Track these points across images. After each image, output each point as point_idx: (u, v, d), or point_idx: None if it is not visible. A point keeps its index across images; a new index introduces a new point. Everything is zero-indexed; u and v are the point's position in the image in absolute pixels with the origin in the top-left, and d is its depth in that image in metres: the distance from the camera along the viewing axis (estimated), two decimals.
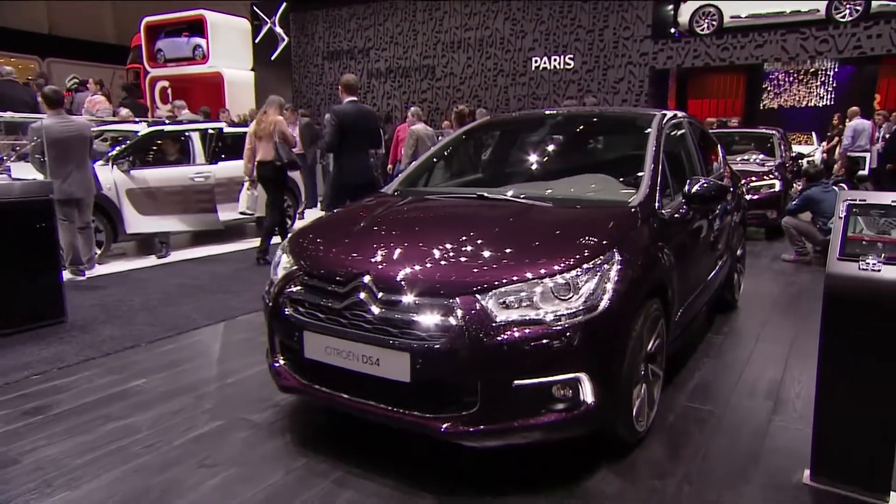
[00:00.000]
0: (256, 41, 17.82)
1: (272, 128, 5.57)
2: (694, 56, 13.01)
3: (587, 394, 2.17)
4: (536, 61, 14.52)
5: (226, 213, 6.58)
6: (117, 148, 6.04)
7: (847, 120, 10.82)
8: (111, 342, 3.75)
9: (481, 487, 2.24)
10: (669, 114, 3.52)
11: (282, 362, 2.56)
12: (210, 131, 6.72)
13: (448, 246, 2.43)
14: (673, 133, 3.44)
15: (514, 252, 2.34)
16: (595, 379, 2.17)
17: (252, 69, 17.52)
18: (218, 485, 2.28)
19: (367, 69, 16.66)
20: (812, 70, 16.96)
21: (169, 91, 17.36)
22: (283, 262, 2.67)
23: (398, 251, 2.41)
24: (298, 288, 2.48)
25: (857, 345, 2.07)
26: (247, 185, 5.79)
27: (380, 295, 2.24)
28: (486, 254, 2.34)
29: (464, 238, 2.49)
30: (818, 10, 11.96)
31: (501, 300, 2.14)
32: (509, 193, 2.99)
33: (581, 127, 3.83)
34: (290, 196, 7.56)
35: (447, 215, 2.86)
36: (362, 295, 2.27)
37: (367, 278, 2.29)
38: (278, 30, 17.70)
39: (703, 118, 13.04)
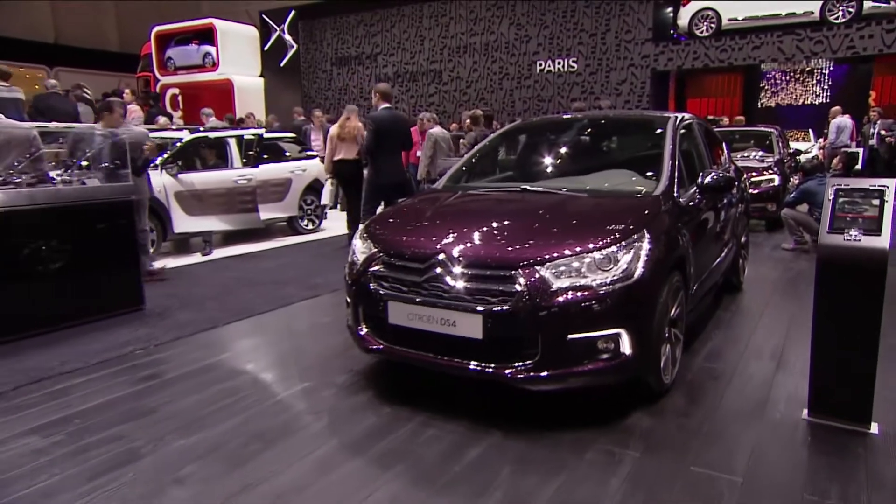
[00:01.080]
0: (266, 48, 18.36)
1: (356, 132, 6.22)
2: (694, 58, 13.57)
3: (625, 346, 2.69)
4: (541, 65, 15.08)
5: (265, 213, 7.11)
6: (165, 154, 6.56)
7: (830, 118, 11.65)
8: (191, 325, 4.27)
9: (539, 425, 2.75)
10: (681, 116, 4.05)
11: (366, 329, 3.08)
12: (250, 137, 7.25)
13: (505, 229, 2.96)
14: (685, 133, 3.97)
15: (562, 232, 2.86)
16: (631, 334, 2.69)
17: (261, 76, 18.04)
18: (325, 425, 2.80)
19: (374, 74, 17.20)
20: (808, 69, 17.50)
21: (179, 98, 17.85)
22: (362, 247, 3.19)
23: (465, 234, 2.93)
24: (380, 267, 3.00)
25: (843, 300, 2.60)
26: (329, 181, 6.50)
27: (454, 269, 2.76)
28: (539, 234, 2.86)
29: (517, 222, 3.02)
30: (812, 13, 12.52)
31: (555, 270, 2.66)
32: (548, 186, 3.52)
33: (604, 128, 4.38)
34: (315, 196, 8.08)
35: (498, 205, 3.39)
36: (438, 270, 2.79)
37: (441, 256, 2.81)
38: (287, 37, 18.25)
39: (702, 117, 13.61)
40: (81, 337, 4.00)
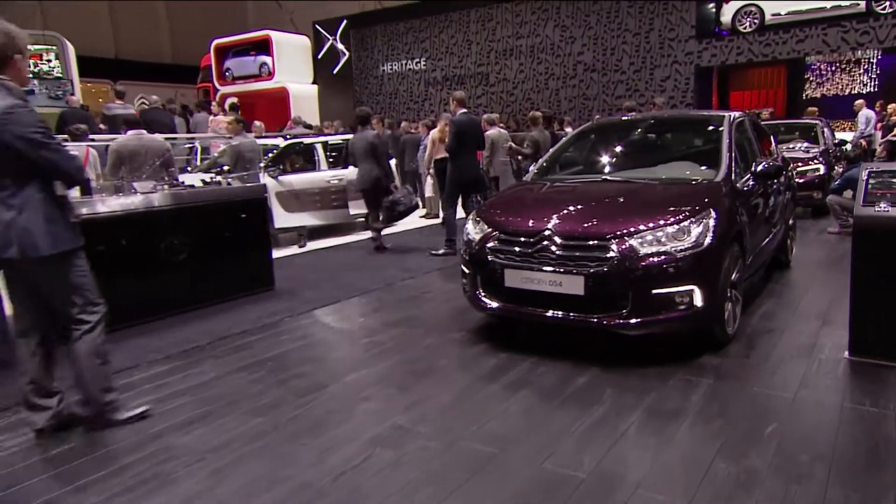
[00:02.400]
0: (319, 57, 19.47)
1: (446, 135, 7.19)
2: (737, 53, 14.03)
3: (697, 300, 3.44)
4: (586, 64, 15.73)
5: (351, 209, 8.09)
6: (266, 158, 7.54)
7: (856, 111, 12.25)
8: (319, 300, 5.17)
9: (629, 364, 3.52)
10: (735, 114, 4.76)
11: (484, 293, 3.90)
12: (338, 142, 8.20)
13: (596, 209, 3.74)
14: (738, 128, 4.66)
15: (643, 211, 3.62)
16: (702, 290, 3.44)
17: (314, 83, 19.14)
18: (458, 365, 3.63)
19: (424, 78, 18.11)
20: (855, 59, 17.63)
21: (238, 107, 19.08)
22: (475, 229, 4.01)
23: (564, 214, 3.72)
24: (496, 243, 3.82)
25: (875, 262, 3.29)
26: (429, 175, 7.59)
27: (559, 241, 3.56)
28: (625, 213, 3.64)
29: (605, 204, 3.80)
30: (859, 4, 12.85)
31: (641, 240, 3.43)
32: (624, 176, 4.28)
33: (667, 127, 5.11)
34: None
35: (586, 191, 4.16)
36: (545, 243, 3.59)
37: (547, 232, 3.61)
38: (339, 46, 19.33)
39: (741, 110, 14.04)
40: (236, 310, 4.94)
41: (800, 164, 8.36)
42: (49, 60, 15.96)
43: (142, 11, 25.59)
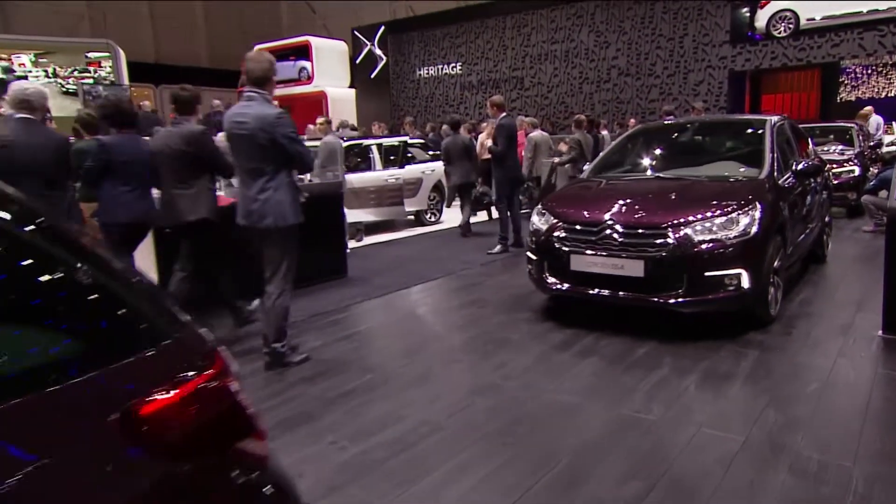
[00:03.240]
0: (357, 62, 20.19)
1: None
2: (772, 58, 14.33)
3: (745, 282, 3.92)
4: (620, 69, 16.15)
5: (408, 206, 8.74)
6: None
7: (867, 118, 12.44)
8: (389, 286, 5.75)
9: (683, 338, 4.01)
10: (776, 118, 5.22)
11: (549, 276, 4.43)
12: (395, 144, 8.82)
13: (653, 202, 4.25)
14: (779, 130, 5.12)
15: (696, 204, 4.12)
16: (749, 274, 3.92)
17: (352, 86, 19.86)
18: (529, 339, 4.17)
19: (459, 83, 18.71)
20: (892, 62, 17.74)
21: None
22: (541, 221, 4.54)
23: (624, 206, 4.24)
24: (562, 232, 4.34)
25: None
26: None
27: (620, 230, 4.07)
28: (679, 205, 4.14)
29: (660, 198, 4.31)
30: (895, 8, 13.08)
31: (694, 229, 3.93)
32: (674, 174, 4.78)
33: (712, 129, 5.60)
34: (438, 193, 9.60)
35: (641, 187, 4.68)
36: (608, 231, 4.11)
37: (610, 221, 4.12)
38: (377, 51, 20.03)
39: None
40: (318, 293, 5.53)
41: (835, 165, 8.72)
42: (106, 67, 16.92)
43: (181, 18, 26.65)
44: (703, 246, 3.89)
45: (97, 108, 5.47)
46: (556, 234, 4.38)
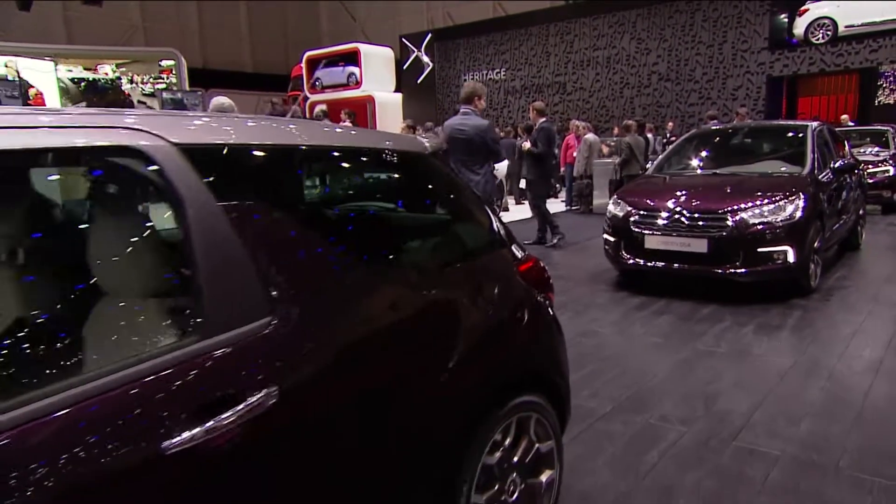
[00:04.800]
0: (404, 68, 21.42)
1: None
2: (809, 63, 15.11)
3: (790, 257, 4.92)
4: (660, 74, 17.06)
5: None
6: None
7: None
8: None
9: (738, 302, 5.01)
10: (816, 123, 6.19)
11: (626, 254, 5.47)
12: None
13: (713, 192, 5.27)
14: (819, 134, 6.09)
15: (750, 194, 5.12)
16: (794, 250, 4.91)
17: (398, 91, 21.06)
18: (609, 303, 5.21)
19: (503, 88, 19.79)
20: None
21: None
22: (617, 209, 5.58)
23: (689, 196, 5.26)
24: (636, 217, 5.38)
25: None
26: None
27: (687, 215, 5.10)
28: (735, 195, 5.15)
29: (718, 189, 5.32)
30: None
31: (749, 213, 4.94)
32: (728, 171, 5.79)
33: (760, 133, 6.59)
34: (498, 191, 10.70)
35: (701, 181, 5.69)
36: (677, 216, 5.14)
37: (678, 208, 5.15)
38: (424, 58, 21.23)
39: (812, 118, 15.09)
40: None
41: (870, 166, 9.58)
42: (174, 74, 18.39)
43: (227, 26, 28.20)
44: (757, 227, 4.90)
45: None
46: (631, 218, 5.42)
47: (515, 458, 1.91)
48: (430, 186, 2.11)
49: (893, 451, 2.67)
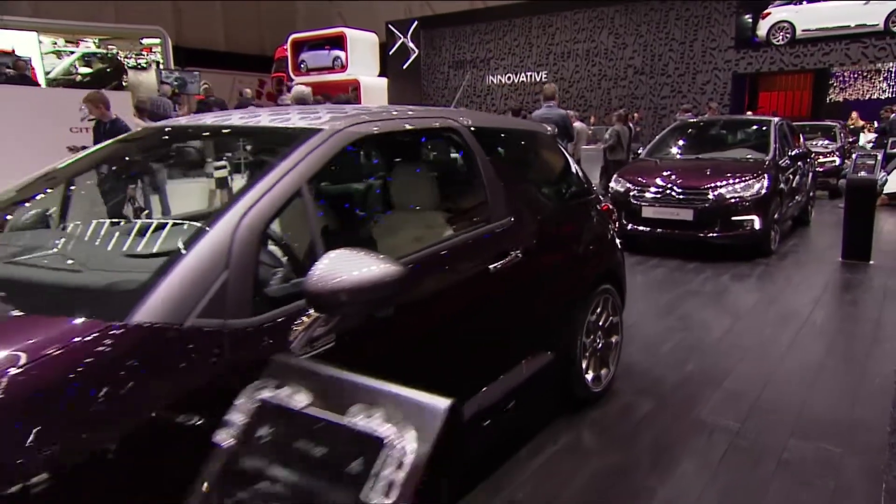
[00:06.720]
0: (390, 53, 22.36)
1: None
2: (770, 63, 16.80)
3: (757, 224, 6.34)
4: (635, 68, 18.54)
5: None
6: None
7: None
8: None
9: (717, 260, 6.40)
10: (777, 119, 7.65)
11: (626, 222, 6.81)
12: None
13: (696, 172, 6.66)
14: (780, 128, 7.54)
15: (725, 174, 6.52)
16: (759, 219, 6.33)
17: (383, 76, 21.99)
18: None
19: (487, 76, 20.98)
20: (875, 69, 20.36)
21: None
22: (619, 186, 6.92)
23: (678, 175, 6.63)
24: (635, 192, 6.72)
25: (856, 205, 6.18)
26: None
27: (677, 190, 6.46)
28: (714, 175, 6.54)
29: (701, 170, 6.72)
30: (878, 24, 15.63)
31: (725, 189, 6.34)
32: (708, 156, 7.19)
33: (733, 126, 8.03)
34: None
35: (686, 164, 7.07)
36: (668, 191, 6.50)
37: (669, 184, 6.52)
38: (410, 44, 22.22)
39: (771, 111, 16.87)
40: None
41: (821, 156, 11.21)
42: (157, 52, 18.92)
43: (200, 4, 28.31)
44: (731, 200, 6.30)
45: None
46: (631, 193, 6.76)
47: (601, 322, 3.19)
48: (556, 155, 3.37)
49: (826, 346, 4.07)
